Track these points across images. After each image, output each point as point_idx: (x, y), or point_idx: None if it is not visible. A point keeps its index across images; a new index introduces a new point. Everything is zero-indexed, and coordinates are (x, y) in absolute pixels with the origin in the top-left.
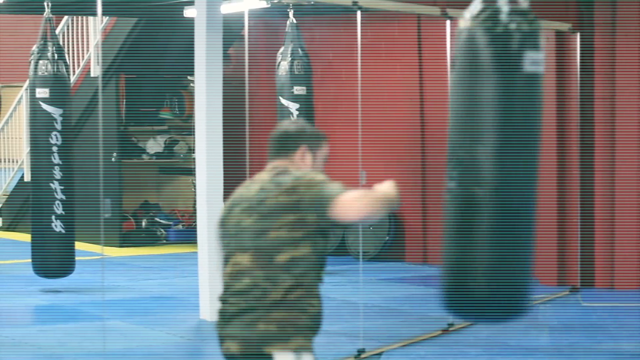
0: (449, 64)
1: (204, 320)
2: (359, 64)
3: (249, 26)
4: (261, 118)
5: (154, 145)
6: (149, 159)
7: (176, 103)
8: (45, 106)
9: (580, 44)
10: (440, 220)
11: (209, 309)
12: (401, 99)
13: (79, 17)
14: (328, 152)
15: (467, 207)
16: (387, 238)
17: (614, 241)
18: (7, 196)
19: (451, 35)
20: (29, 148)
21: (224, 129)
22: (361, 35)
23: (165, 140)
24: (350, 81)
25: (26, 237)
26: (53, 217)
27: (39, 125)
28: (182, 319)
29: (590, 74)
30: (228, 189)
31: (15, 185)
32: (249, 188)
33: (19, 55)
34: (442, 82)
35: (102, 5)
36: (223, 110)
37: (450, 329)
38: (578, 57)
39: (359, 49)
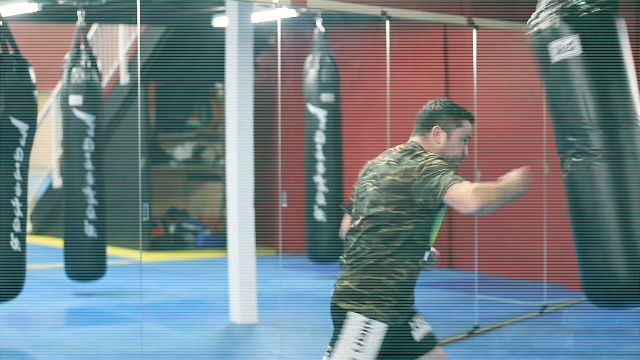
0: (475, 72)
1: (235, 323)
2: (388, 74)
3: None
4: (288, 125)
5: (182, 152)
6: (177, 165)
7: (204, 110)
8: (78, 113)
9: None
10: (464, 227)
11: (239, 312)
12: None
13: (108, 24)
14: (470, 132)
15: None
16: None
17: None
18: (35, 203)
19: (477, 44)
20: (59, 155)
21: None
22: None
23: (193, 147)
24: (377, 89)
25: (55, 242)
26: (86, 222)
27: (72, 132)
28: (213, 322)
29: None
30: (258, 195)
31: (44, 192)
32: (383, 158)
33: (46, 63)
34: (468, 90)
35: (131, 13)
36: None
37: (475, 331)
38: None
39: (388, 59)
